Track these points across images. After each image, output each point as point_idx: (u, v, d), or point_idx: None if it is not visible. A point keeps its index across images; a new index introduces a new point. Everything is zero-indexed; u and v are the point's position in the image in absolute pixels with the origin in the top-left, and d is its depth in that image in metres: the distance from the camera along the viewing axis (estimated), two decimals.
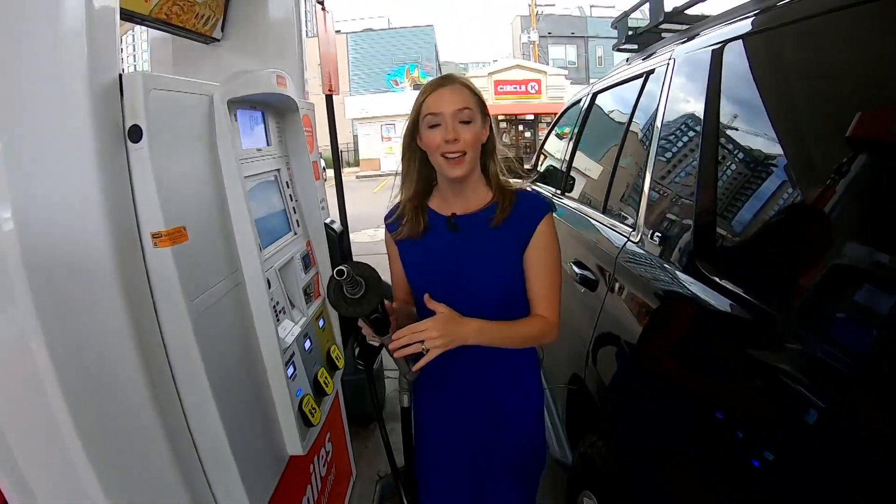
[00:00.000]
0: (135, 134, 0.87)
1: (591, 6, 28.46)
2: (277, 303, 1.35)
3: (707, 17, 1.65)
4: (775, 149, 1.01)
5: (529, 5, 26.65)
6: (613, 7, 25.14)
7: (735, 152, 1.14)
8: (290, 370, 1.37)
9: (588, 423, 1.67)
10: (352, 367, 2.37)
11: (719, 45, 1.26)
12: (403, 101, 21.71)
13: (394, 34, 25.79)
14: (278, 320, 1.33)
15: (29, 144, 0.80)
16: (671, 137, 1.42)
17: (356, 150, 22.83)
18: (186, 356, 0.99)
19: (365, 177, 19.75)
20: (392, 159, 21.51)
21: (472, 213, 1.26)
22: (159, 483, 1.02)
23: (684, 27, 1.81)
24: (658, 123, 1.49)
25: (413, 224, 1.27)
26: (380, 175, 19.71)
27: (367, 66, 25.13)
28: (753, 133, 1.11)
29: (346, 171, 19.55)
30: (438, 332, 1.09)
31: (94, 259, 0.84)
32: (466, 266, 1.24)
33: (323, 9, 1.72)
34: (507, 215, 1.22)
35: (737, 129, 1.15)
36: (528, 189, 1.36)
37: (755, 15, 1.16)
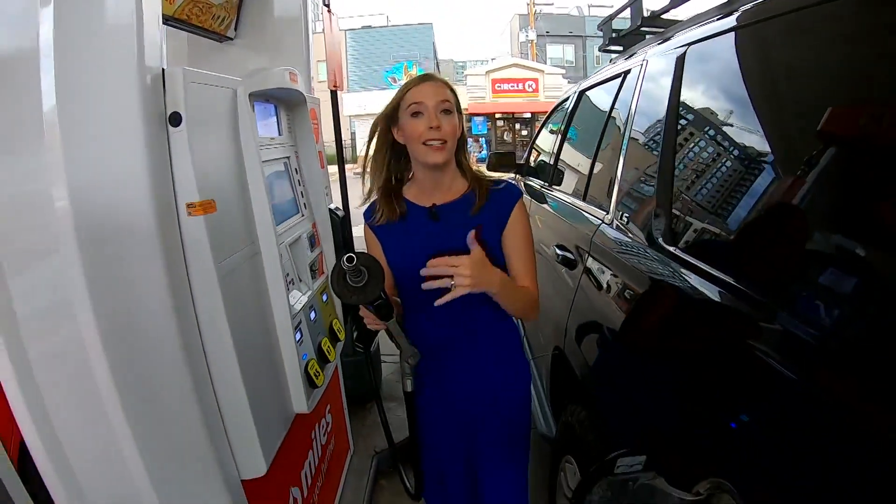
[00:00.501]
0: (175, 119, 1.03)
1: (589, 6, 28.60)
2: (287, 274, 1.52)
3: (680, 21, 1.81)
4: (725, 142, 1.17)
5: (528, 4, 26.82)
6: (612, 7, 25.16)
7: (690, 145, 1.31)
8: (298, 336, 1.53)
9: (570, 393, 1.83)
10: (350, 349, 2.53)
11: (683, 48, 1.43)
12: None
13: (392, 32, 25.93)
14: (288, 289, 1.49)
15: (87, 125, 0.95)
16: (640, 132, 1.59)
17: (353, 147, 22.98)
18: (212, 311, 1.15)
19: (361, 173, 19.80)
20: None
21: (451, 202, 1.36)
22: (185, 430, 1.16)
23: (660, 30, 1.97)
24: (630, 119, 1.66)
25: (389, 210, 1.36)
26: None
27: (365, 63, 25.26)
28: (706, 128, 1.28)
29: (349, 166, 19.64)
30: (470, 270, 1.15)
31: (140, 223, 1.00)
32: (450, 253, 1.25)
33: (329, 11, 1.88)
34: (484, 202, 1.33)
35: (692, 125, 1.32)
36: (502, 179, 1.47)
37: (713, 21, 1.32)
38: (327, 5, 1.90)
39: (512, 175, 3.73)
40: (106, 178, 0.97)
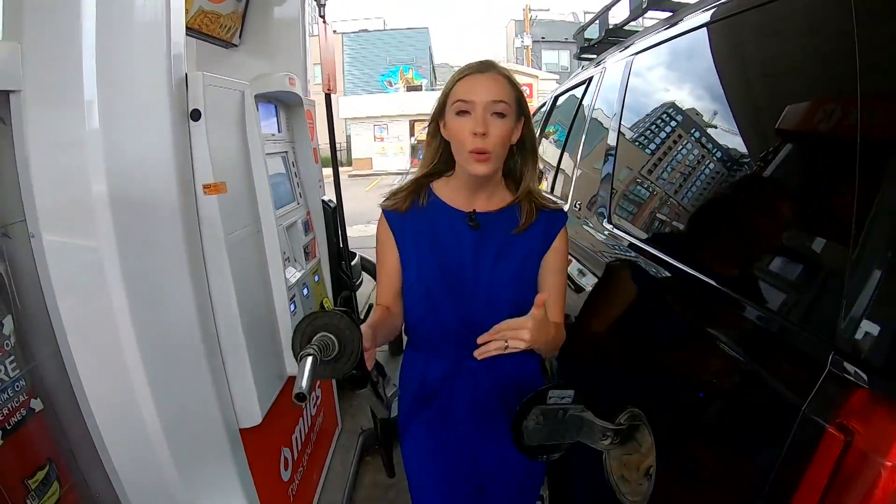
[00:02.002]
0: (195, 115, 1.26)
1: (584, 12, 28.84)
2: (284, 252, 1.74)
3: (638, 31, 2.03)
4: (660, 138, 1.37)
5: (524, 10, 27.15)
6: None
7: (633, 141, 1.53)
8: (292, 307, 1.75)
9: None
10: None
11: (631, 56, 1.65)
12: (397, 102, 22.12)
13: (389, 35, 26.13)
14: (285, 265, 1.72)
15: (123, 118, 1.17)
16: (594, 131, 1.82)
17: (349, 150, 23.16)
18: (221, 275, 1.37)
19: (357, 176, 20.08)
20: (384, 159, 21.91)
21: (493, 212, 1.19)
22: (193, 379, 1.35)
23: (622, 40, 2.20)
24: (587, 120, 1.89)
25: (407, 196, 1.20)
26: (372, 174, 20.01)
27: (361, 66, 25.44)
28: (646, 125, 1.48)
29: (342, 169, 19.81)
30: (532, 335, 0.99)
31: (165, 199, 1.22)
32: (485, 266, 1.17)
33: (324, 20, 2.11)
34: (531, 222, 1.17)
35: (635, 124, 1.54)
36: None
37: (657, 32, 1.52)
38: (322, 16, 2.12)
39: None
40: (138, 160, 1.19)
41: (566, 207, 1.89)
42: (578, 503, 1.38)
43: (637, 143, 1.49)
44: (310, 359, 0.86)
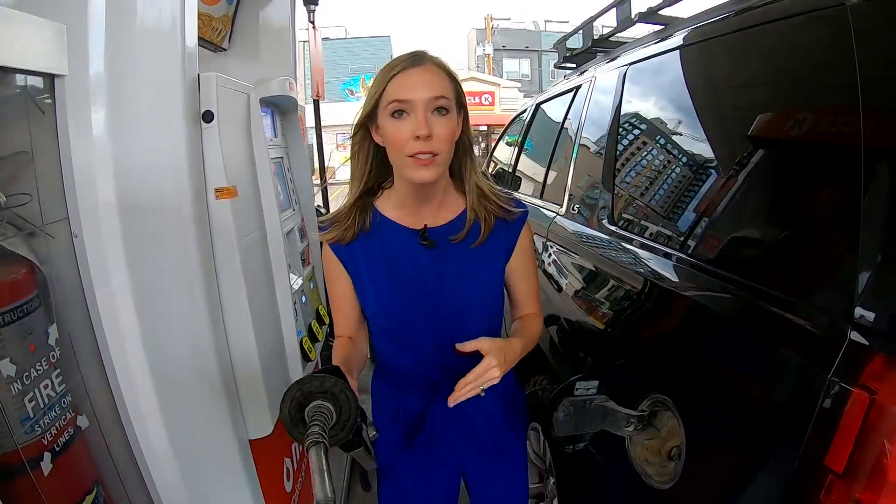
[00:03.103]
0: (208, 116, 1.23)
1: (545, 21, 29.50)
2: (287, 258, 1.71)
3: (626, 42, 2.10)
4: (658, 147, 1.43)
5: (485, 19, 27.47)
6: (567, 22, 26.09)
7: (630, 149, 1.58)
8: (294, 314, 1.72)
9: (535, 364, 2.07)
10: (324, 343, 2.71)
11: (625, 67, 1.71)
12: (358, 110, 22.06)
13: (350, 44, 26.07)
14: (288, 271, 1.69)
15: (137, 120, 1.13)
16: (588, 139, 1.86)
17: (311, 159, 22.84)
18: (234, 283, 1.34)
19: (334, 183, 19.78)
20: (347, 168, 21.70)
21: (445, 224, 1.09)
22: (205, 391, 1.31)
23: (609, 51, 2.27)
24: (580, 128, 1.94)
25: (351, 225, 1.07)
26: (335, 184, 19.83)
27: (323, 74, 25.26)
28: (644, 133, 1.55)
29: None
30: (500, 368, 0.96)
31: (178, 202, 1.18)
32: (449, 286, 1.08)
33: (314, 27, 2.10)
34: (489, 231, 1.08)
35: (632, 133, 1.60)
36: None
37: (653, 43, 1.59)
38: (312, 21, 2.10)
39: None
40: (149, 162, 1.16)
41: (562, 210, 1.93)
42: (591, 497, 1.41)
43: (638, 144, 1.53)
44: (321, 448, 0.74)
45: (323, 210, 2.31)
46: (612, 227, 1.53)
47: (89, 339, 1.13)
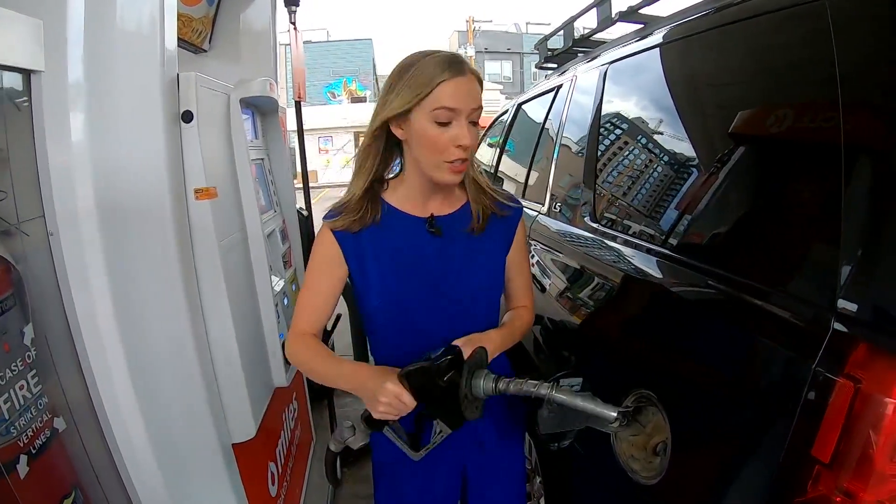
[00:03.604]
0: (187, 116, 1.22)
1: (527, 23, 29.76)
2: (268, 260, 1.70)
3: (606, 42, 2.11)
4: (638, 145, 1.45)
5: (467, 21, 27.58)
6: (549, 24, 26.27)
7: (611, 147, 1.60)
8: (276, 316, 1.71)
9: (519, 363, 2.08)
10: None
11: (605, 65, 1.72)
12: (340, 113, 21.96)
13: (332, 47, 25.96)
14: (270, 273, 1.68)
15: (115, 118, 1.12)
16: (569, 138, 1.88)
17: (293, 162, 22.73)
18: (215, 284, 1.32)
19: (311, 187, 19.67)
20: (330, 172, 21.65)
21: (450, 214, 1.12)
22: (186, 395, 1.30)
23: (589, 50, 2.28)
24: (561, 127, 1.95)
25: (363, 215, 1.06)
26: (317, 187, 19.74)
27: (305, 77, 25.12)
28: (624, 131, 1.56)
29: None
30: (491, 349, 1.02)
31: (157, 202, 1.17)
32: (453, 274, 1.10)
33: (295, 29, 2.09)
34: (489, 221, 1.12)
35: (612, 132, 1.61)
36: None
37: (633, 42, 1.60)
38: (293, 23, 2.10)
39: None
40: (128, 163, 1.15)
41: (544, 209, 1.94)
42: (578, 495, 1.42)
43: (619, 142, 1.55)
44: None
45: (305, 212, 2.28)
46: (594, 225, 1.54)
47: (66, 339, 1.11)
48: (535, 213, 2.00)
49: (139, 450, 1.22)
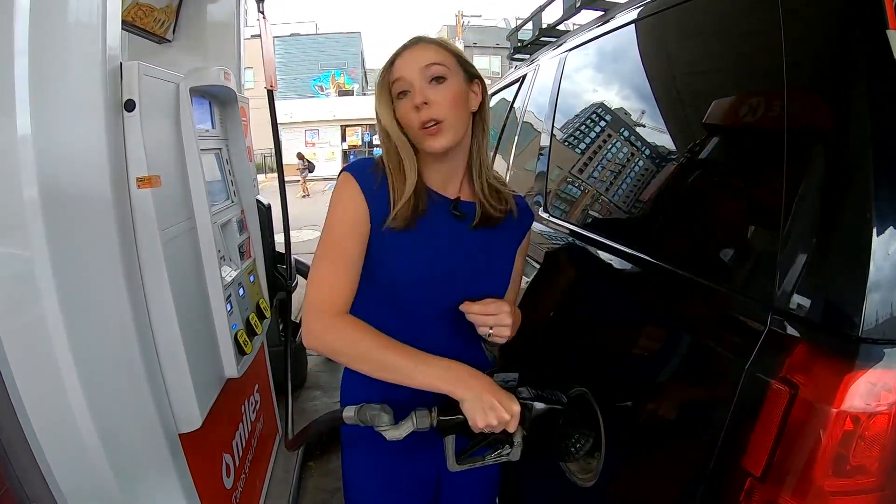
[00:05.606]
0: (130, 105, 1.22)
1: (516, 18, 29.69)
2: (219, 250, 1.70)
3: (569, 31, 2.06)
4: (592, 132, 1.43)
5: (456, 16, 27.59)
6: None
7: (562, 136, 1.59)
8: (228, 307, 1.71)
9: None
10: (276, 339, 2.70)
11: (564, 53, 1.71)
12: (328, 106, 21.86)
13: (321, 40, 25.85)
14: (220, 263, 1.68)
15: (56, 107, 1.11)
16: (530, 127, 1.89)
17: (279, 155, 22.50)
18: (156, 272, 1.32)
19: (288, 181, 19.49)
20: (315, 165, 21.50)
21: (472, 202, 1.09)
22: (130, 383, 1.30)
23: (554, 39, 2.25)
24: (522, 116, 1.96)
25: (414, 206, 1.02)
26: (293, 181, 19.55)
27: (292, 70, 24.98)
28: (575, 124, 1.55)
29: (270, 175, 19.37)
30: (511, 319, 1.02)
31: (97, 195, 1.17)
32: (469, 259, 1.07)
33: (264, 17, 2.09)
34: (510, 210, 1.11)
35: (564, 121, 1.60)
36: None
37: (589, 30, 1.59)
38: (262, 11, 2.09)
39: None
40: (70, 153, 1.14)
41: None
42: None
43: (572, 137, 1.56)
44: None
45: (265, 202, 2.28)
46: (545, 216, 1.56)
47: None
48: None
49: (87, 435, 1.22)
